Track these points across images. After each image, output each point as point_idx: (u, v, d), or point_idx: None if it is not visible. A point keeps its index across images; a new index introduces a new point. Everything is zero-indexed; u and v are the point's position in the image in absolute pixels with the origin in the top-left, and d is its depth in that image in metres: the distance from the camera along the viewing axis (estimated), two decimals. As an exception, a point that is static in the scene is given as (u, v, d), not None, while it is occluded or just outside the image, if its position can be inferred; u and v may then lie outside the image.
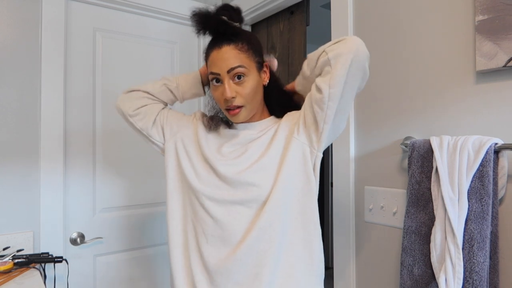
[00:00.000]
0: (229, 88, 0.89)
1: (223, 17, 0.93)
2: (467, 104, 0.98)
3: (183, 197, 0.96)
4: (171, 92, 1.06)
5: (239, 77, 0.89)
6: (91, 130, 1.61)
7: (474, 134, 0.96)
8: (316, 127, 0.87)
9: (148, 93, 1.04)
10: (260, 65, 0.94)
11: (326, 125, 0.85)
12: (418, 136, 1.09)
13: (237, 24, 0.95)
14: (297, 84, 0.98)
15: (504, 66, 0.88)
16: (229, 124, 1.02)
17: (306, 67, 0.90)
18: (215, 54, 0.91)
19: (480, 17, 0.92)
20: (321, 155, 0.90)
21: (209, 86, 1.00)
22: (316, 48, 0.89)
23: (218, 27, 0.91)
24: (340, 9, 1.30)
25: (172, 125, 1.03)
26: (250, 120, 0.98)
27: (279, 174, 0.87)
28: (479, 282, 0.86)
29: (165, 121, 1.04)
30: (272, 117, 1.01)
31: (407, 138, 1.10)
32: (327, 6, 2.59)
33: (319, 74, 0.85)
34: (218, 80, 0.91)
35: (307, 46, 2.12)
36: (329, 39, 1.32)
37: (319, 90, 0.83)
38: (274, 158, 0.89)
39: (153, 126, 1.03)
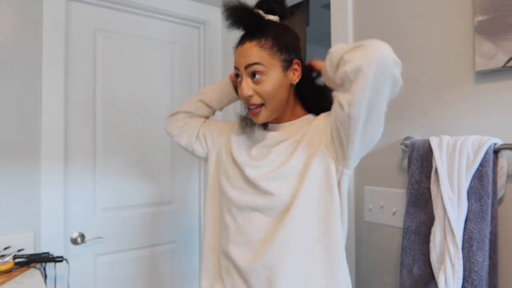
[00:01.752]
0: (246, 85, 0.87)
1: (259, 10, 0.90)
2: (467, 104, 0.99)
3: (220, 204, 0.98)
4: (207, 105, 1.10)
5: (255, 75, 0.85)
6: (91, 130, 1.62)
7: (474, 134, 0.96)
8: (341, 142, 0.80)
9: (187, 112, 1.10)
10: (288, 63, 0.88)
11: (351, 144, 0.77)
12: (417, 136, 1.09)
13: (275, 17, 0.91)
14: (325, 79, 0.88)
15: (504, 66, 0.88)
16: (263, 125, 0.99)
17: (328, 66, 0.80)
18: (238, 49, 0.89)
19: (480, 18, 0.93)
20: (348, 172, 0.83)
21: None
22: (315, 49, 0.88)
23: (245, 21, 0.87)
24: (340, 9, 1.31)
25: (213, 134, 1.07)
26: (279, 120, 0.94)
27: (300, 186, 0.82)
28: (479, 282, 0.86)
29: (206, 132, 1.08)
30: (306, 117, 0.94)
31: (407, 138, 1.10)
32: (327, 6, 2.59)
33: (341, 85, 0.77)
34: (238, 76, 0.90)
35: (307, 46, 2.12)
36: (329, 39, 1.32)
37: (340, 106, 0.75)
38: (295, 167, 0.84)
39: (196, 140, 1.09)
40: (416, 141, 1.03)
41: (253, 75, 0.86)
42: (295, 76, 0.90)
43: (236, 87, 1.05)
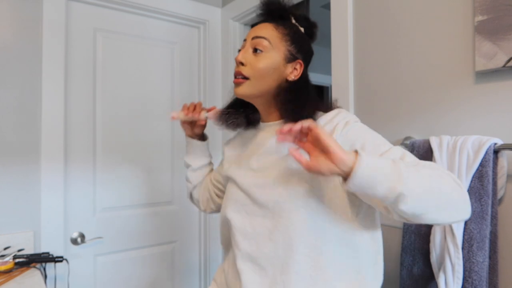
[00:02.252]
0: (243, 53, 0.87)
1: (291, 14, 0.92)
2: (467, 104, 0.99)
3: None
4: (198, 169, 1.15)
5: (256, 50, 0.85)
6: (91, 130, 1.62)
7: (474, 134, 0.96)
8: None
9: (194, 186, 1.16)
10: (293, 57, 0.87)
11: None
12: (417, 136, 1.09)
13: (301, 28, 0.92)
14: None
15: (504, 66, 0.88)
16: (252, 124, 0.96)
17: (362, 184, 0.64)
18: (254, 27, 0.90)
19: (480, 18, 0.93)
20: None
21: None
22: (315, 49, 0.86)
23: (274, 9, 0.89)
24: (340, 9, 1.31)
25: (220, 172, 1.08)
26: (268, 119, 0.92)
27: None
28: (479, 282, 0.86)
29: (218, 178, 1.11)
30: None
31: (407, 138, 1.10)
32: (327, 6, 2.59)
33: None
34: (243, 47, 0.89)
35: (307, 46, 2.11)
36: (329, 39, 1.32)
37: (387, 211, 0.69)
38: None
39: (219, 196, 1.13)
40: (416, 141, 1.03)
41: (255, 49, 0.86)
42: (292, 74, 0.88)
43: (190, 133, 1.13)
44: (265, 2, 0.89)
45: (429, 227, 0.97)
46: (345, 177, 0.64)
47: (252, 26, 1.93)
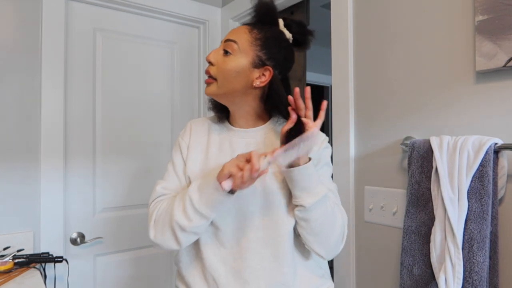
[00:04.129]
0: (214, 53, 0.89)
1: (282, 19, 0.93)
2: (467, 104, 0.98)
3: None
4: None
5: (226, 52, 0.87)
6: (91, 130, 1.62)
7: (474, 134, 0.96)
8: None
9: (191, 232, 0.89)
10: (261, 63, 0.86)
11: None
12: (418, 136, 1.09)
13: (289, 34, 0.91)
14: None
15: (504, 66, 0.88)
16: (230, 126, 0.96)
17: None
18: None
19: (480, 17, 0.92)
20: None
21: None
22: (315, 49, 0.87)
23: (261, 13, 0.91)
24: (340, 9, 1.31)
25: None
26: (245, 125, 0.93)
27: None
28: (479, 282, 0.86)
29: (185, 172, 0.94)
30: (268, 124, 0.93)
31: (407, 138, 1.10)
32: (327, 6, 2.59)
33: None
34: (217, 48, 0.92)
35: (307, 46, 2.12)
36: (329, 39, 1.32)
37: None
38: None
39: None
40: (416, 141, 1.03)
41: (225, 51, 0.87)
42: (258, 79, 0.87)
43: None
44: (255, 6, 0.90)
45: (429, 228, 0.97)
46: (294, 166, 0.78)
47: (252, 26, 1.92)
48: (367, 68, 1.23)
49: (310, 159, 0.81)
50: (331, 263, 1.28)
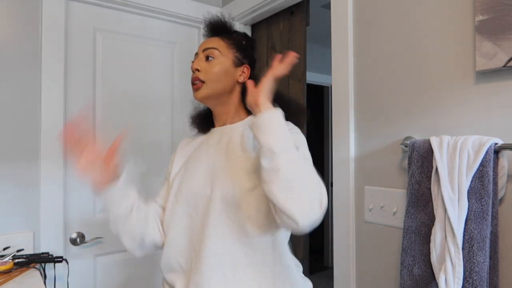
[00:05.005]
0: (197, 61, 0.97)
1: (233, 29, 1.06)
2: (467, 104, 0.98)
3: None
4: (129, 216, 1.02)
5: (208, 58, 0.97)
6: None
7: (474, 134, 0.96)
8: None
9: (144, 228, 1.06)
10: (240, 62, 0.99)
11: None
12: (418, 136, 1.09)
13: (240, 38, 1.04)
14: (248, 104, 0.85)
15: (504, 66, 0.88)
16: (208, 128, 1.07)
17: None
18: (203, 41, 1.02)
19: (480, 17, 0.92)
20: None
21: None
22: (315, 49, 0.88)
23: (217, 26, 1.03)
24: (340, 9, 1.30)
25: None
26: (224, 122, 1.02)
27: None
28: (479, 282, 0.86)
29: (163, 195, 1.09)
30: (247, 119, 1.00)
31: (407, 138, 1.10)
32: (327, 6, 2.59)
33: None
34: (195, 59, 1.00)
35: (307, 46, 2.12)
36: (329, 39, 1.32)
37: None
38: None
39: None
40: (416, 141, 1.03)
41: (207, 57, 0.97)
42: (241, 76, 1.00)
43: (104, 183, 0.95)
44: (209, 22, 1.03)
45: (429, 228, 0.97)
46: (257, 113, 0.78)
47: (252, 26, 1.94)
48: (367, 68, 1.23)
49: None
50: (331, 263, 1.28)
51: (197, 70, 0.96)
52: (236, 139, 0.95)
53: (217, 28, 1.02)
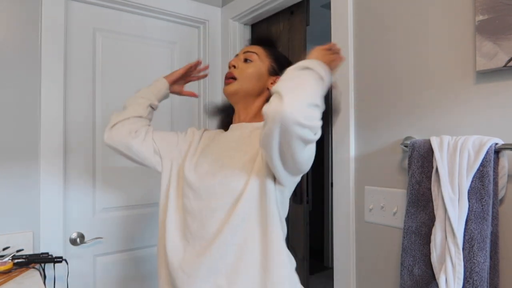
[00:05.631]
0: (236, 59, 1.05)
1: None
2: (467, 104, 0.98)
3: None
4: (152, 108, 1.21)
5: (247, 60, 1.03)
6: (91, 130, 1.61)
7: (474, 134, 0.96)
8: (267, 162, 0.86)
9: (139, 116, 1.16)
10: (274, 71, 1.04)
11: (274, 168, 0.84)
12: (418, 136, 1.09)
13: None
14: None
15: (504, 66, 0.88)
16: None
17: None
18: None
19: (480, 17, 0.92)
20: (281, 187, 0.89)
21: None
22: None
23: (264, 39, 1.11)
24: (340, 9, 1.30)
25: (164, 145, 1.13)
26: (242, 119, 1.05)
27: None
28: (479, 282, 0.86)
29: (159, 143, 1.13)
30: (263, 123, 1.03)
31: (407, 138, 1.10)
32: (327, 6, 2.59)
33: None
34: (235, 57, 1.07)
35: (307, 46, 2.11)
36: (329, 39, 1.32)
37: (260, 134, 0.81)
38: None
39: (151, 144, 1.13)
40: (416, 141, 1.03)
41: (245, 60, 1.03)
42: (272, 85, 1.03)
43: (172, 91, 1.25)
44: (257, 35, 1.16)
45: (429, 228, 0.97)
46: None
47: (252, 26, 1.93)
48: (367, 68, 1.23)
49: None
50: (331, 263, 1.28)
51: (234, 66, 1.03)
52: (246, 134, 0.99)
53: (261, 39, 1.11)
